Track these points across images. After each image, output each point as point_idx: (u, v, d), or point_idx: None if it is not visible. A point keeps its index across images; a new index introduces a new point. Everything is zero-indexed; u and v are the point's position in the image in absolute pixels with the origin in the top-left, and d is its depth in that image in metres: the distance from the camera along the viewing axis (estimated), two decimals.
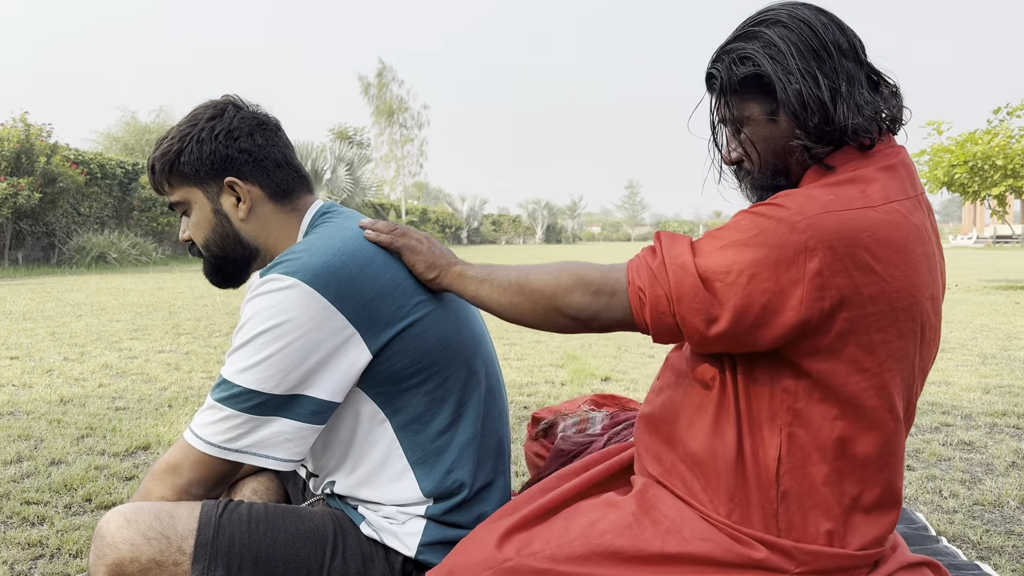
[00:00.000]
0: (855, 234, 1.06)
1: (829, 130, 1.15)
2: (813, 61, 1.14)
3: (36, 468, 2.76)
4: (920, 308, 1.12)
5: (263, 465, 1.21)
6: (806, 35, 1.15)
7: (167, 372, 4.67)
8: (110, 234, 17.52)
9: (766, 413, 1.16)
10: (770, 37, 1.16)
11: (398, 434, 1.30)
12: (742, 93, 1.20)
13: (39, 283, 11.90)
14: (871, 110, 1.15)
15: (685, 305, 1.11)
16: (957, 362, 5.22)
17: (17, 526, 2.24)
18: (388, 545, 1.30)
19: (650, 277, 1.14)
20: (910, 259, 1.09)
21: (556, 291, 1.20)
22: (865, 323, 1.09)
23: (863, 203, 1.09)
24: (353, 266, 1.24)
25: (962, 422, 3.58)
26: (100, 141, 28.04)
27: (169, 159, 1.37)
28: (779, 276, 1.06)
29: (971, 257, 27.84)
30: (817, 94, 1.14)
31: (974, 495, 2.57)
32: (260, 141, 1.38)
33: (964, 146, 12.50)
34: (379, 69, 42.29)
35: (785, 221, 1.07)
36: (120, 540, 1.17)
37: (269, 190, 1.39)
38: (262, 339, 1.19)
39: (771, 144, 1.21)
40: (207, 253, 1.42)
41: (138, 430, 3.30)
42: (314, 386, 1.21)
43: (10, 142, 14.62)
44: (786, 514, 1.16)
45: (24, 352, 5.32)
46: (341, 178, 27.15)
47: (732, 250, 1.09)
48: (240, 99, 1.43)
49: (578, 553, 1.15)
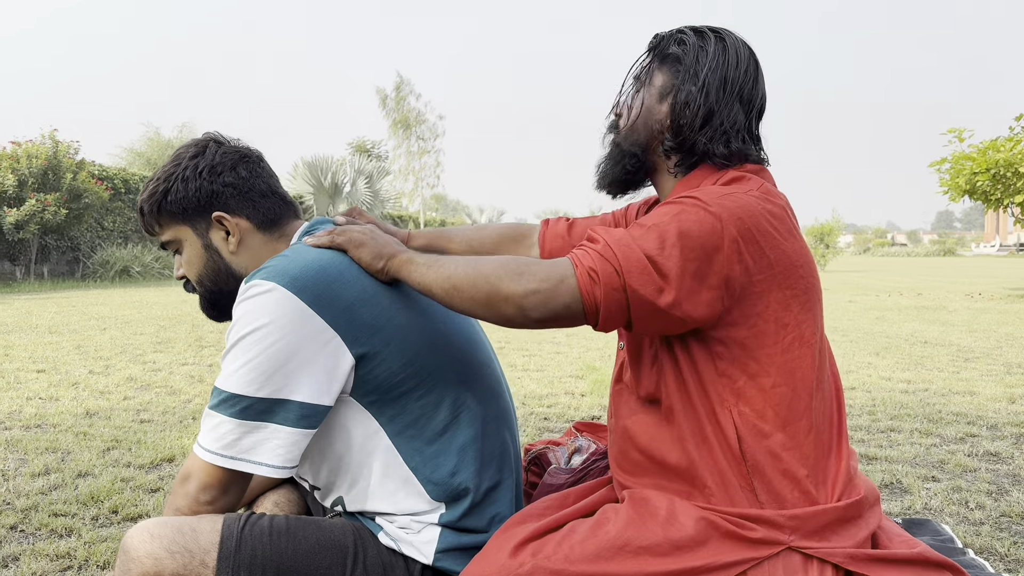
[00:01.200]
0: (752, 209, 1.22)
1: (687, 142, 1.32)
2: (717, 82, 1.31)
3: (63, 480, 2.80)
4: (811, 266, 1.29)
5: (258, 472, 1.23)
6: (729, 63, 1.32)
7: (191, 384, 4.72)
8: (133, 248, 17.73)
9: (716, 400, 1.26)
10: (708, 41, 1.34)
11: (395, 442, 1.31)
12: (663, 63, 1.36)
13: (64, 297, 12.06)
14: (736, 148, 1.32)
15: (635, 277, 1.18)
16: (982, 372, 5.16)
17: (45, 538, 2.27)
18: (406, 554, 1.31)
19: (598, 257, 1.20)
20: (791, 225, 1.27)
21: (502, 278, 1.21)
22: (776, 281, 1.23)
23: (747, 190, 1.26)
24: (331, 271, 1.27)
25: (988, 432, 3.54)
26: (124, 156, 28.42)
27: (156, 200, 1.41)
28: (703, 243, 1.18)
29: (995, 265, 27.52)
30: (716, 105, 1.31)
31: (1001, 506, 2.54)
32: (244, 174, 1.42)
33: (986, 153, 12.39)
34: (396, 83, 42.57)
35: (699, 204, 1.21)
36: (144, 554, 1.19)
37: (256, 221, 1.42)
38: (244, 343, 1.22)
39: (646, 117, 1.36)
40: (201, 288, 1.46)
41: (163, 442, 3.34)
42: (297, 389, 1.22)
43: (39, 159, 14.86)
44: (762, 485, 1.24)
45: (50, 365, 5.39)
46: (360, 191, 27.30)
47: (657, 229, 1.20)
48: (220, 135, 1.47)
49: (589, 552, 1.19)
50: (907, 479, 2.83)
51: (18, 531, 2.33)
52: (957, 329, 7.71)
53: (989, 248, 44.89)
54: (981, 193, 12.78)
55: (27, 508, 2.50)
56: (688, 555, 1.19)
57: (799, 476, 1.24)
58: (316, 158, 26.89)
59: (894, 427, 3.65)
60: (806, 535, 1.22)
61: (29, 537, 2.28)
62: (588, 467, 1.72)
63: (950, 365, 5.46)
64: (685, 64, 1.33)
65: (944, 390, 4.54)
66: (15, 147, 15.06)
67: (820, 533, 1.23)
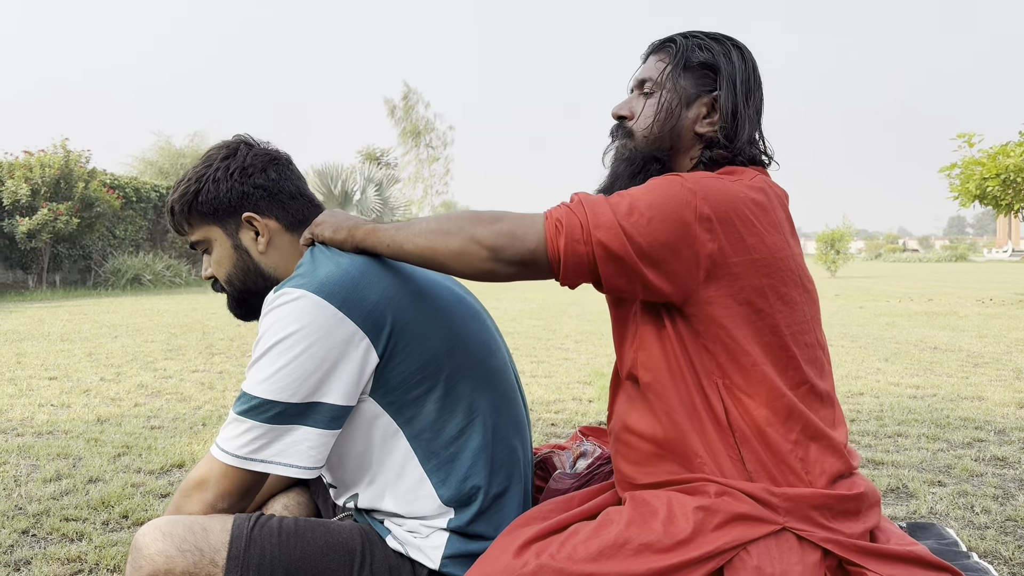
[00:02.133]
0: (734, 196, 1.25)
1: (727, 143, 1.36)
2: (749, 88, 1.37)
3: (75, 486, 2.83)
4: (794, 260, 1.31)
5: (286, 474, 1.25)
6: (748, 70, 1.38)
7: (201, 391, 4.75)
8: (144, 256, 17.84)
9: (702, 373, 1.29)
10: (729, 49, 1.38)
11: (412, 443, 1.34)
12: (689, 69, 1.38)
13: (76, 305, 12.15)
14: (759, 152, 1.38)
15: (603, 232, 1.21)
16: (991, 377, 5.14)
17: (57, 542, 2.30)
18: (413, 558, 1.33)
19: (566, 211, 1.25)
20: (776, 220, 1.29)
21: (475, 223, 1.25)
22: (755, 267, 1.25)
23: (735, 179, 1.30)
24: (354, 272, 1.29)
25: (995, 437, 3.53)
26: (135, 165, 28.59)
27: (187, 200, 1.43)
28: (678, 214, 1.21)
29: (1006, 270, 27.34)
30: (743, 111, 1.36)
31: (1007, 511, 2.54)
32: (274, 176, 1.45)
33: (996, 159, 12.34)
34: (404, 92, 42.73)
35: (678, 181, 1.24)
36: (155, 552, 1.21)
37: (285, 222, 1.45)
38: (277, 349, 1.24)
39: (671, 119, 1.38)
40: (230, 288, 1.48)
41: (173, 448, 3.37)
42: (329, 392, 1.25)
43: (51, 168, 14.98)
44: (750, 456, 1.27)
45: (62, 373, 5.44)
46: (371, 199, 27.38)
47: (632, 195, 1.24)
48: (251, 137, 1.50)
49: (592, 551, 1.21)
50: (913, 483, 2.83)
51: (30, 535, 2.36)
52: (967, 335, 7.68)
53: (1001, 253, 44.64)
54: (991, 198, 12.72)
55: (39, 513, 2.54)
56: (688, 547, 1.21)
57: (783, 450, 1.27)
58: (326, 166, 26.99)
59: (901, 432, 3.64)
60: (800, 518, 1.24)
61: (41, 541, 2.31)
62: (593, 471, 1.74)
63: (959, 370, 5.44)
64: (722, 71, 1.36)
65: (952, 395, 4.53)
66: (27, 157, 15.19)
67: (813, 518, 1.25)
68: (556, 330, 8.24)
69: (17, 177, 14.76)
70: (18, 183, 14.67)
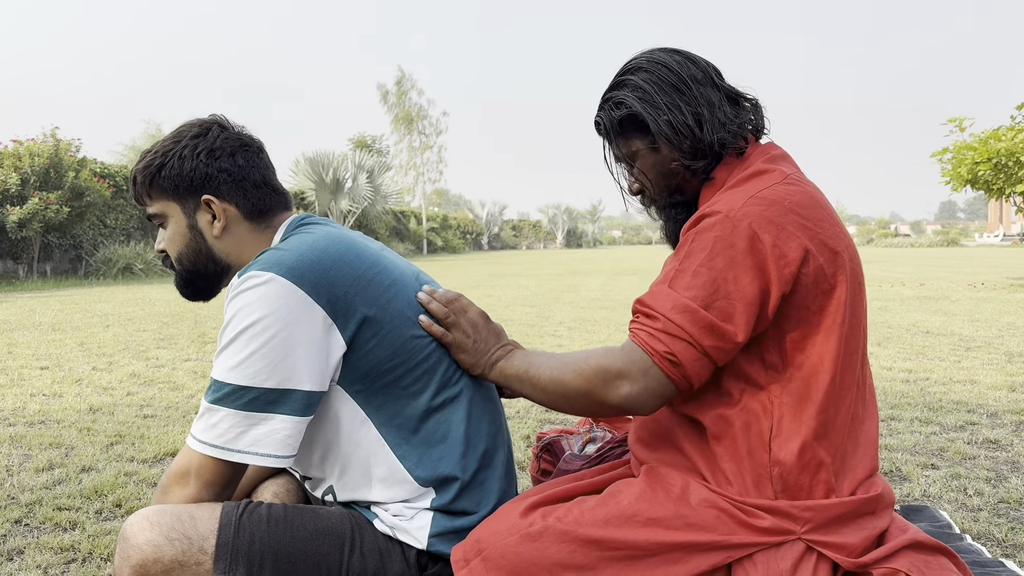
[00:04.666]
0: (780, 203, 1.24)
1: (702, 148, 1.34)
2: (675, 94, 1.34)
3: (67, 475, 2.82)
4: (851, 251, 1.29)
5: (265, 464, 1.24)
6: (664, 74, 1.35)
7: (194, 380, 4.74)
8: (136, 246, 17.74)
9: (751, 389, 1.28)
10: (636, 82, 1.37)
11: (381, 431, 1.33)
12: (624, 133, 1.40)
13: (67, 295, 12.10)
14: (735, 124, 1.35)
15: (708, 338, 1.21)
16: (983, 360, 5.16)
17: (50, 531, 2.29)
18: (402, 540, 1.33)
19: (666, 337, 1.22)
20: (825, 211, 1.28)
21: (591, 390, 1.27)
22: (821, 272, 1.24)
23: (771, 182, 1.28)
24: (326, 260, 1.28)
25: (987, 420, 3.55)
26: (125, 153, 28.41)
27: (151, 172, 1.42)
28: (750, 262, 1.21)
29: (997, 255, 27.47)
30: (683, 120, 1.33)
31: (999, 493, 2.55)
32: (240, 162, 1.43)
33: (987, 143, 12.35)
34: (398, 77, 42.49)
35: (723, 221, 1.23)
36: (143, 542, 1.20)
37: (245, 210, 1.43)
38: (247, 335, 1.22)
39: (658, 169, 1.40)
40: (179, 266, 1.47)
41: (166, 437, 3.36)
42: (302, 378, 1.24)
43: (41, 157, 14.87)
44: (780, 477, 1.25)
45: (54, 362, 5.42)
46: (362, 186, 27.29)
47: (704, 270, 1.22)
48: (226, 119, 1.48)
49: (599, 517, 1.23)
50: (906, 467, 2.84)
51: (23, 525, 2.35)
52: (959, 319, 7.71)
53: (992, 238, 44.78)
54: (983, 183, 12.74)
55: (31, 502, 2.52)
56: (697, 531, 1.21)
57: (824, 463, 1.25)
58: (317, 154, 26.88)
59: (894, 416, 3.66)
60: (817, 527, 1.23)
61: (34, 531, 2.30)
62: (604, 455, 1.73)
63: (951, 354, 5.46)
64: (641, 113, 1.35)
65: (945, 379, 4.55)
66: (16, 145, 15.07)
67: (831, 526, 1.24)
68: (549, 317, 8.24)
69: (7, 166, 14.66)
70: (7, 172, 14.56)
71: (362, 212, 27.41)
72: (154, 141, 16.22)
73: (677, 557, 1.19)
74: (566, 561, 1.19)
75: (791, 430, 1.25)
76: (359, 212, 27.19)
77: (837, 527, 1.24)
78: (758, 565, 1.20)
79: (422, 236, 37.71)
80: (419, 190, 43.83)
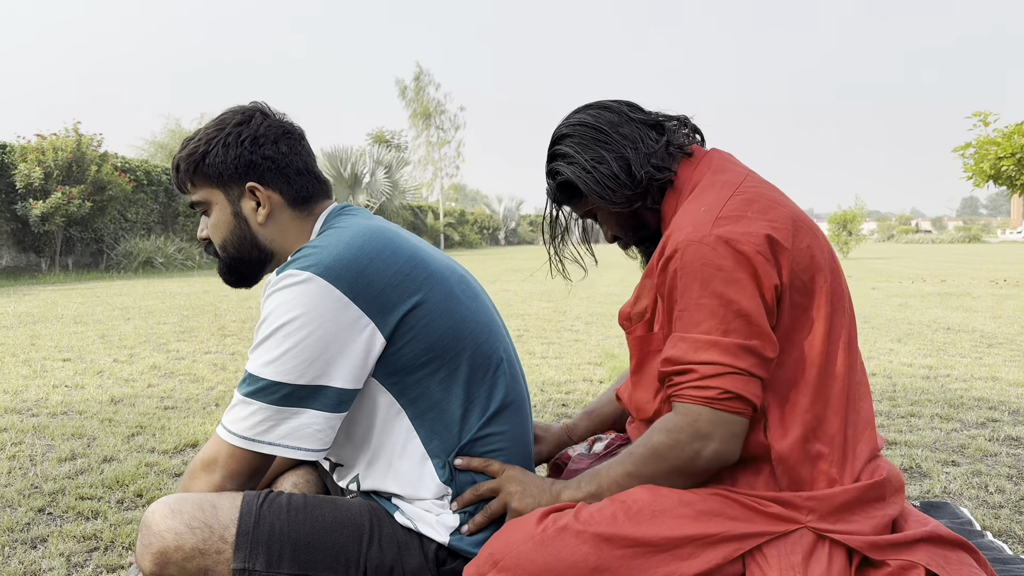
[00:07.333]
0: (744, 212, 1.28)
1: (637, 190, 1.39)
2: (598, 147, 1.39)
3: (89, 465, 2.86)
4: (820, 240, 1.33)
5: (293, 456, 1.26)
6: (584, 132, 1.41)
7: (214, 372, 4.78)
8: (156, 239, 17.91)
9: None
10: (563, 150, 1.43)
11: (414, 423, 1.34)
12: (570, 199, 1.48)
13: (89, 288, 12.22)
14: (663, 151, 1.40)
15: (742, 360, 1.22)
16: (1005, 357, 5.11)
17: (73, 520, 2.32)
18: (422, 533, 1.33)
19: (710, 380, 1.23)
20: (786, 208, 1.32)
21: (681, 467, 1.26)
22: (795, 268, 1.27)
23: (729, 193, 1.32)
24: (363, 258, 1.28)
25: (1009, 417, 3.51)
26: (146, 148, 28.67)
27: (194, 160, 1.42)
28: (742, 274, 1.23)
29: (1020, 251, 27.13)
30: (610, 171, 1.38)
31: (1021, 490, 2.53)
32: (284, 149, 1.43)
33: (1011, 138, 12.20)
34: (416, 73, 42.53)
35: (699, 247, 1.25)
36: (165, 529, 1.21)
37: (288, 196, 1.43)
38: (282, 332, 1.24)
39: (613, 219, 1.48)
40: (223, 253, 1.47)
41: (186, 428, 3.39)
42: (335, 375, 1.25)
43: (64, 152, 15.02)
44: (782, 471, 1.27)
45: (76, 354, 5.48)
46: (380, 181, 27.39)
47: (705, 300, 1.25)
48: (268, 107, 1.48)
49: (607, 515, 1.24)
50: (927, 463, 2.81)
51: (46, 513, 2.38)
52: (981, 315, 7.62)
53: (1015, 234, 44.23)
54: (1006, 178, 12.59)
55: (54, 492, 2.56)
56: (706, 522, 1.22)
57: (822, 454, 1.27)
58: (336, 148, 27.00)
59: (914, 412, 3.63)
60: (823, 516, 1.24)
61: (57, 519, 2.33)
62: (611, 452, 1.74)
63: (973, 351, 5.41)
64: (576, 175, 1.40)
65: (966, 376, 4.51)
66: (40, 140, 15.24)
67: (838, 514, 1.25)
68: (566, 312, 8.24)
69: (30, 161, 14.82)
70: (31, 167, 14.73)
71: (380, 207, 27.49)
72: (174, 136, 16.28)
73: (689, 552, 1.20)
74: (580, 563, 1.19)
75: (787, 423, 1.27)
76: (377, 207, 27.26)
77: (845, 515, 1.25)
78: (770, 559, 1.20)
79: (439, 231, 37.79)
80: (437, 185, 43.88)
